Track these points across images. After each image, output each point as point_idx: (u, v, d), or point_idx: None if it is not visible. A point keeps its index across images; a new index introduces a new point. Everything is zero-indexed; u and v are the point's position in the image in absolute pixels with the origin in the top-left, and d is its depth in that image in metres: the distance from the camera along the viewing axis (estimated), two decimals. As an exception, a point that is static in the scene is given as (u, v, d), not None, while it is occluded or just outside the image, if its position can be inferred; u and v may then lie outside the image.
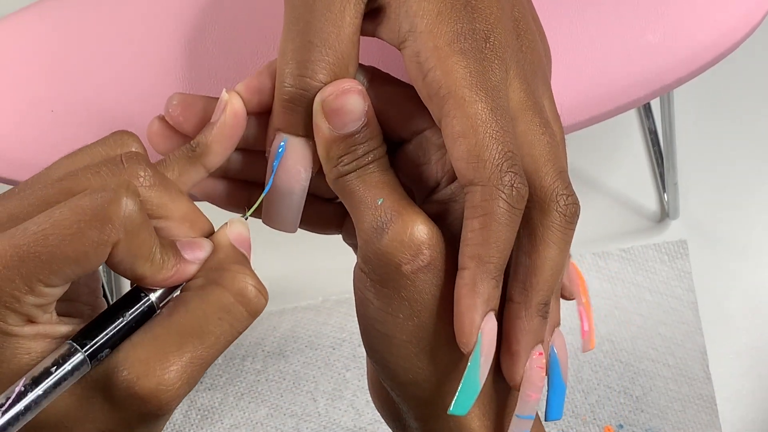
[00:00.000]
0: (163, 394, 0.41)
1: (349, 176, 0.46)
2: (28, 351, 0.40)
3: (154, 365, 0.41)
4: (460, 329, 0.44)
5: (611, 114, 0.67)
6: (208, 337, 0.42)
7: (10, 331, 0.40)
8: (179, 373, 0.41)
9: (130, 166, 0.43)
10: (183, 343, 0.42)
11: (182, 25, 0.65)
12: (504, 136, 0.44)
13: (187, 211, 0.45)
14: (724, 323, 1.26)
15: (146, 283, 0.43)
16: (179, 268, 0.43)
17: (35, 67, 0.65)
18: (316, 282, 1.25)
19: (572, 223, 0.46)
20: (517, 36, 0.47)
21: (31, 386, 0.39)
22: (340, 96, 0.45)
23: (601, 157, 1.34)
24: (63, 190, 0.42)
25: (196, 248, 0.44)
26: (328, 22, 0.46)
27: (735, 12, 0.67)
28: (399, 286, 0.45)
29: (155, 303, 0.43)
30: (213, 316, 0.42)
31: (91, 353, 0.41)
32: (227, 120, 0.47)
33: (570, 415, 1.19)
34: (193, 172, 0.47)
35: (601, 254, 1.27)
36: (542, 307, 0.46)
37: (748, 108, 1.37)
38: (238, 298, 0.43)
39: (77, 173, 0.42)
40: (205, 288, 0.43)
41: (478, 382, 0.44)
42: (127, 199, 0.40)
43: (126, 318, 0.42)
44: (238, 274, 0.43)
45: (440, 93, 0.44)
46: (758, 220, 1.31)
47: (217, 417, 1.19)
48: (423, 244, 0.44)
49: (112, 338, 0.41)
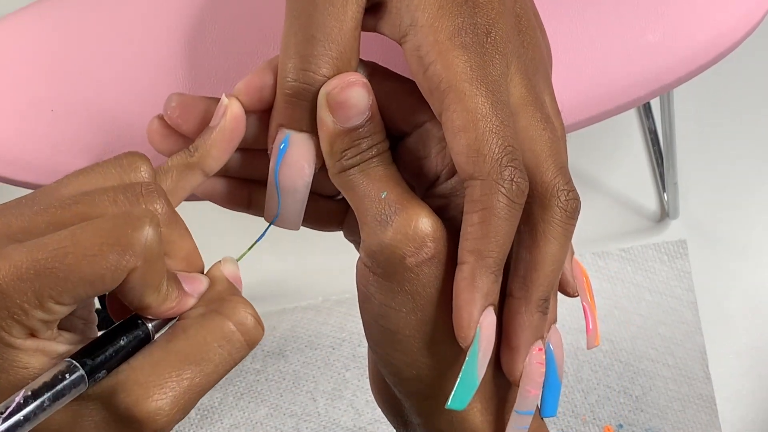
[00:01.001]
0: (160, 419, 0.41)
1: (353, 170, 0.46)
2: (25, 365, 0.40)
3: (153, 390, 0.41)
4: (458, 323, 0.44)
5: (611, 114, 0.67)
6: (207, 364, 0.42)
7: (12, 342, 0.40)
8: (176, 399, 0.41)
9: (148, 199, 0.43)
10: (182, 369, 0.42)
11: (182, 25, 0.65)
12: (504, 131, 0.44)
13: (190, 250, 0.45)
14: (724, 323, 1.26)
15: (150, 312, 0.43)
16: (180, 300, 0.44)
17: (35, 67, 0.65)
18: (316, 282, 1.25)
19: (573, 218, 0.46)
20: (518, 31, 0.47)
21: (30, 399, 0.39)
22: (345, 89, 0.45)
23: (601, 156, 1.34)
24: (79, 213, 0.42)
25: (195, 282, 0.45)
26: (330, 16, 0.46)
27: (735, 12, 0.67)
28: (403, 280, 0.45)
29: (152, 332, 0.43)
30: (213, 343, 0.43)
31: (89, 372, 0.41)
32: (227, 125, 0.47)
33: (570, 415, 1.19)
34: (191, 177, 0.47)
35: (600, 254, 1.27)
36: (542, 302, 0.46)
37: (748, 108, 1.37)
38: (238, 327, 0.43)
39: (93, 197, 0.42)
40: (206, 316, 0.43)
41: (476, 377, 0.44)
42: (150, 228, 0.40)
43: (123, 342, 0.42)
44: (239, 305, 0.44)
45: (441, 87, 0.44)
46: (758, 220, 1.31)
47: (217, 417, 1.19)
48: (427, 237, 0.44)
49: (110, 360, 0.42)
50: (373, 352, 0.48)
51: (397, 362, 0.47)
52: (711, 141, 1.35)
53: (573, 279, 0.50)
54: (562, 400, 1.20)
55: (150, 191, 0.43)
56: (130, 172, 0.44)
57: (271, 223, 0.49)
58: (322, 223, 0.53)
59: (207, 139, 0.47)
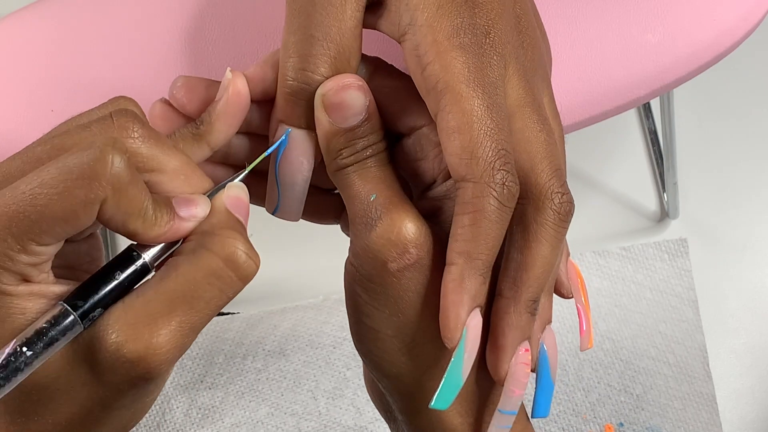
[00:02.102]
0: (151, 357, 0.41)
1: (348, 170, 0.47)
2: (22, 311, 0.40)
3: (143, 329, 0.41)
4: (445, 324, 0.44)
5: (611, 114, 0.67)
6: (198, 302, 0.42)
7: (5, 290, 0.40)
8: (168, 337, 0.41)
9: (119, 121, 0.43)
10: (172, 307, 0.41)
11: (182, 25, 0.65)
12: (498, 134, 0.44)
13: (180, 164, 0.44)
14: (725, 321, 1.26)
15: (139, 239, 0.43)
16: (173, 224, 0.43)
17: (35, 67, 0.65)
18: (317, 281, 1.25)
19: (566, 221, 0.46)
20: (518, 32, 0.47)
21: (23, 347, 0.39)
22: (340, 91, 0.45)
23: (601, 157, 1.34)
24: (55, 146, 0.42)
25: (191, 205, 0.44)
26: (329, 15, 0.46)
27: (735, 12, 0.67)
28: (385, 284, 0.45)
29: (149, 263, 0.43)
30: (202, 281, 0.42)
31: (82, 313, 0.41)
32: (231, 98, 0.47)
33: (571, 414, 1.19)
34: (198, 150, 0.47)
35: (601, 253, 1.27)
36: (531, 303, 0.46)
37: (748, 108, 1.37)
38: (227, 263, 0.42)
39: (69, 131, 0.43)
40: (195, 252, 0.43)
41: (461, 378, 0.45)
42: (114, 156, 0.40)
43: (119, 278, 0.42)
44: (227, 239, 0.43)
45: (437, 87, 0.44)
46: (758, 219, 1.31)
47: (218, 416, 1.19)
48: (410, 243, 0.45)
49: (105, 299, 0.41)
50: (357, 348, 0.49)
51: (379, 360, 0.47)
52: (711, 141, 1.35)
53: (568, 280, 0.50)
54: (563, 398, 1.20)
55: (120, 114, 0.43)
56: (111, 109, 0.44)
57: (273, 213, 0.50)
58: (321, 216, 0.53)
59: (212, 113, 0.47)
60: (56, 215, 0.39)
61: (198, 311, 0.42)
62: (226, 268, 0.42)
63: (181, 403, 1.18)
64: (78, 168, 0.39)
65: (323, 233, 0.55)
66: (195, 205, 0.44)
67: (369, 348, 0.47)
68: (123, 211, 0.41)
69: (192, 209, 0.44)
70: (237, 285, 0.43)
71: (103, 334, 0.41)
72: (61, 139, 0.42)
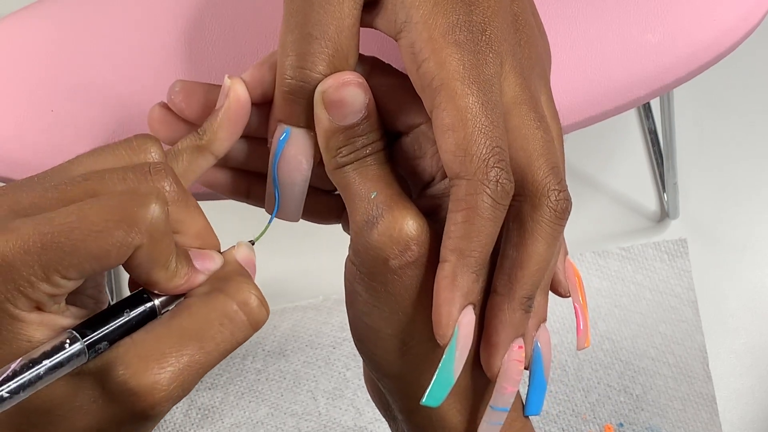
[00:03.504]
0: (157, 393, 0.41)
1: (347, 168, 0.47)
2: (29, 338, 0.40)
3: (152, 363, 0.41)
4: (437, 321, 0.44)
5: (611, 114, 0.67)
6: (209, 342, 0.42)
7: (16, 315, 0.40)
8: (175, 374, 0.41)
9: (157, 178, 0.43)
10: (183, 345, 0.42)
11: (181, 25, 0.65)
12: (493, 131, 0.44)
13: (201, 228, 0.45)
14: (724, 322, 1.26)
15: (158, 288, 0.43)
16: (189, 277, 0.44)
17: (35, 67, 0.65)
18: (316, 281, 1.25)
19: (562, 219, 0.46)
20: (515, 30, 0.47)
21: (27, 367, 0.39)
22: (340, 88, 0.46)
23: (601, 157, 1.34)
24: (88, 190, 0.42)
25: (207, 259, 0.45)
26: (326, 14, 0.46)
27: (734, 12, 0.67)
28: (386, 281, 0.45)
29: (158, 307, 0.43)
30: (215, 321, 0.43)
31: (90, 344, 0.41)
32: (231, 105, 0.47)
33: (570, 414, 1.20)
34: (202, 159, 0.47)
35: (601, 253, 1.27)
36: (525, 300, 0.46)
37: (748, 108, 1.37)
38: (241, 306, 0.43)
39: (103, 175, 0.42)
40: (209, 294, 0.43)
41: (452, 375, 0.45)
42: (156, 206, 0.40)
43: (128, 316, 0.42)
44: (242, 284, 0.44)
45: (433, 84, 0.44)
46: (758, 219, 1.31)
47: (218, 416, 1.19)
48: (411, 240, 0.45)
49: (112, 333, 0.42)
50: (357, 348, 0.49)
51: (378, 359, 0.47)
52: (711, 141, 1.35)
53: (565, 279, 0.50)
54: (562, 399, 1.20)
55: (158, 170, 0.43)
56: (140, 153, 0.45)
57: (273, 214, 0.50)
58: (321, 217, 0.53)
59: (214, 122, 0.47)
60: (90, 252, 0.39)
61: (207, 352, 0.42)
62: (240, 312, 0.43)
63: (180, 404, 1.18)
64: (121, 210, 0.40)
65: (323, 233, 0.55)
66: (210, 260, 0.45)
67: (369, 347, 0.47)
68: (153, 259, 0.41)
69: (207, 263, 0.45)
70: (247, 330, 0.44)
71: (111, 365, 0.41)
72: (94, 184, 0.42)
